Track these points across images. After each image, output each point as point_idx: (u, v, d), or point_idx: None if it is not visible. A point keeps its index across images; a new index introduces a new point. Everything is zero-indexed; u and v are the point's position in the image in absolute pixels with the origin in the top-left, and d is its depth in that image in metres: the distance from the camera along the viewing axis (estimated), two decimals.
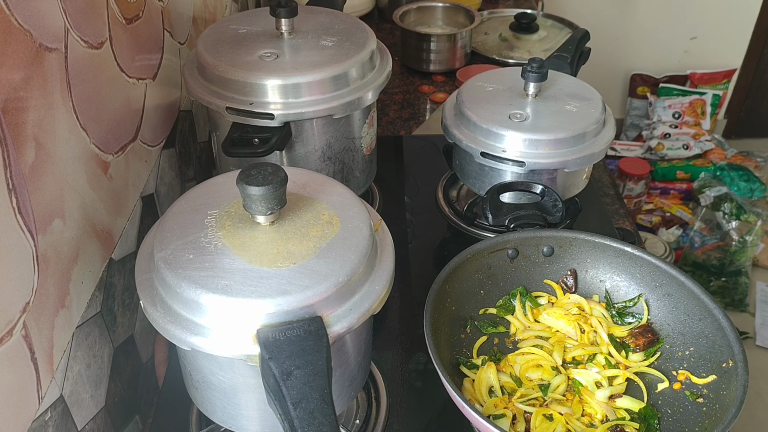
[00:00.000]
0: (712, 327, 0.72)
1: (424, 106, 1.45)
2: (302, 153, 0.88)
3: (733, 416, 0.62)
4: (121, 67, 0.77)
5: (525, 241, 0.82)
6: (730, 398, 0.65)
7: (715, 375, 0.70)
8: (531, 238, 0.82)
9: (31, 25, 0.56)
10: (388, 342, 0.86)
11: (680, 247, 2.49)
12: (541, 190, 0.88)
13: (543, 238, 0.82)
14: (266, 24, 0.91)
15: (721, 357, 0.70)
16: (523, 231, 0.82)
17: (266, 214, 0.57)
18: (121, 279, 0.76)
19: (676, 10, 2.83)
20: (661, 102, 2.88)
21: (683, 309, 0.76)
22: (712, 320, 0.72)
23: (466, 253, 0.78)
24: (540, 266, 0.84)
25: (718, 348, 0.71)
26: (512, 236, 0.81)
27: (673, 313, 0.77)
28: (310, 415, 0.48)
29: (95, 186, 0.70)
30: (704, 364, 0.72)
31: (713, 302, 0.73)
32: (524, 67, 0.94)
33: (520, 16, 1.67)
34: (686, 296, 0.75)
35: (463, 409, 0.64)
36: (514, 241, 0.81)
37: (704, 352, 0.73)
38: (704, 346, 0.73)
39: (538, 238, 0.82)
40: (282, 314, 0.53)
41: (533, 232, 0.82)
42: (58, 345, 0.61)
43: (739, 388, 0.64)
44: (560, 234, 0.82)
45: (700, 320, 0.74)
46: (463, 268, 0.78)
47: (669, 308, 0.78)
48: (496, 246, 0.80)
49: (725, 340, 0.70)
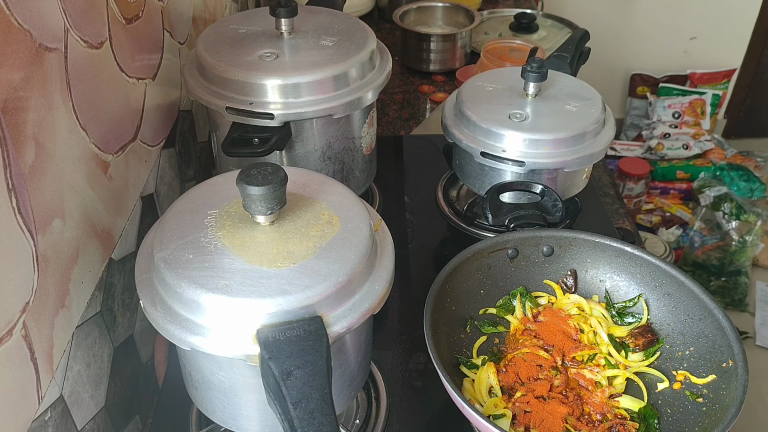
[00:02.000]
0: (712, 327, 0.72)
1: (424, 106, 1.45)
2: (302, 153, 0.88)
3: (733, 416, 0.62)
4: (121, 67, 0.77)
5: (525, 240, 0.82)
6: (730, 398, 0.65)
7: (714, 375, 0.70)
8: (531, 237, 0.82)
9: (30, 25, 0.56)
10: (388, 342, 0.86)
11: (680, 247, 2.49)
12: (541, 190, 0.88)
13: (543, 237, 0.82)
14: (266, 24, 0.91)
15: (721, 357, 0.70)
16: (523, 231, 0.82)
17: (266, 214, 0.57)
18: (121, 279, 0.76)
19: (676, 10, 2.83)
20: (660, 102, 2.88)
21: (683, 309, 0.76)
22: (712, 320, 0.72)
23: (466, 253, 0.78)
24: (540, 266, 0.84)
25: (718, 348, 0.71)
26: (512, 236, 0.81)
27: (673, 313, 0.77)
28: (310, 415, 0.48)
29: (95, 186, 0.70)
30: (704, 363, 0.72)
31: (713, 302, 0.73)
32: (524, 67, 0.94)
33: (519, 16, 1.67)
34: (686, 296, 0.75)
35: (463, 409, 0.64)
36: (514, 240, 0.81)
37: (704, 352, 0.73)
38: (704, 345, 0.73)
39: (538, 237, 0.82)
40: (282, 314, 0.53)
41: (533, 232, 0.82)
42: (57, 345, 0.61)
43: (739, 388, 0.64)
44: (560, 234, 0.82)
45: (700, 320, 0.74)
46: (463, 268, 0.78)
47: (669, 308, 0.78)
48: (496, 246, 0.80)
49: (725, 339, 0.70)
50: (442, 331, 0.75)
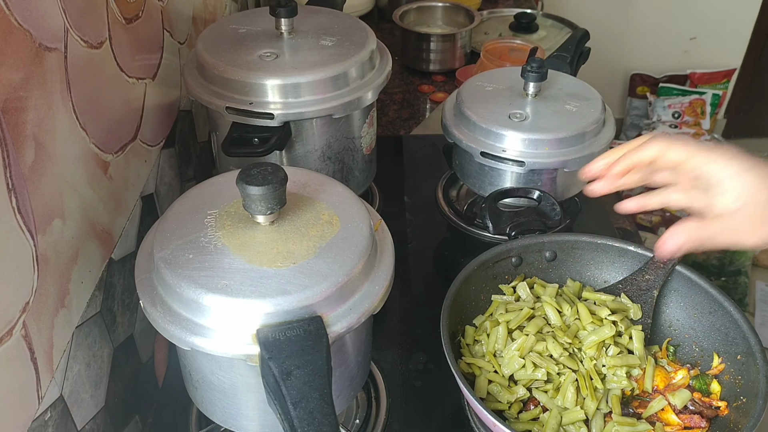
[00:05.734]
0: (723, 319, 0.73)
1: (424, 106, 1.45)
2: (302, 153, 0.88)
3: (762, 408, 0.62)
4: (121, 67, 0.77)
5: (528, 247, 0.81)
6: (752, 390, 0.66)
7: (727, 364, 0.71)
8: (533, 244, 0.81)
9: (30, 25, 0.56)
10: (388, 342, 0.86)
11: None
12: (538, 195, 0.88)
13: (545, 243, 0.82)
14: (266, 24, 0.91)
15: (736, 349, 0.70)
16: (525, 238, 0.82)
17: (266, 213, 0.57)
18: (120, 279, 0.76)
19: (676, 10, 2.83)
20: (660, 102, 2.88)
21: (691, 303, 0.77)
22: (723, 312, 0.73)
23: (473, 265, 0.77)
24: (544, 271, 0.83)
25: (732, 340, 0.71)
26: (515, 244, 0.81)
27: (681, 309, 0.77)
28: (310, 414, 0.48)
29: (95, 186, 0.69)
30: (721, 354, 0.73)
31: (722, 295, 0.73)
32: (524, 66, 0.94)
33: (519, 16, 1.67)
34: (694, 290, 0.76)
35: (477, 409, 0.63)
36: (518, 248, 0.81)
37: (718, 345, 0.73)
38: (717, 339, 0.73)
39: (540, 243, 0.82)
40: (282, 314, 0.53)
41: (535, 238, 0.82)
42: (57, 345, 0.61)
43: (762, 379, 0.65)
44: (562, 238, 0.82)
45: (710, 313, 0.74)
46: (471, 280, 0.77)
47: (677, 304, 0.78)
48: (501, 255, 0.80)
49: (739, 331, 0.70)
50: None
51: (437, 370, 0.82)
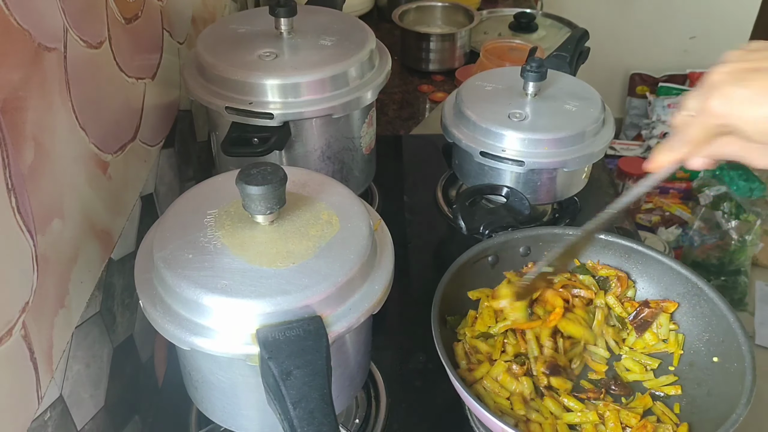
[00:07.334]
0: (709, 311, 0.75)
1: (424, 106, 1.45)
2: (302, 152, 0.88)
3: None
4: (121, 67, 0.77)
5: (502, 245, 0.82)
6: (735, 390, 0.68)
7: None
8: (507, 241, 0.82)
9: (30, 25, 0.56)
10: (388, 342, 0.86)
11: (680, 247, 2.49)
12: (506, 192, 0.89)
13: (519, 239, 0.82)
14: (265, 24, 0.91)
15: (729, 348, 0.72)
16: (499, 235, 0.82)
17: (266, 213, 0.57)
18: (120, 279, 0.76)
19: (676, 10, 2.83)
20: (660, 101, 2.88)
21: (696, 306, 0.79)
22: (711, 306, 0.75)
23: (453, 268, 0.77)
24: (520, 267, 0.84)
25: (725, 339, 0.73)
26: (491, 243, 0.81)
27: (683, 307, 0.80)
28: (310, 414, 0.48)
29: (94, 186, 0.69)
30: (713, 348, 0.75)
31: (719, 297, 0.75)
32: (523, 66, 0.94)
33: (519, 16, 1.67)
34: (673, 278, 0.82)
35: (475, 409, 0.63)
36: (494, 247, 0.81)
37: (713, 337, 0.75)
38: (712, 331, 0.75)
39: (514, 240, 0.82)
40: (281, 314, 0.53)
41: (509, 235, 0.82)
42: (57, 345, 0.61)
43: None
44: (534, 233, 0.83)
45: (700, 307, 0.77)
46: (453, 283, 0.77)
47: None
48: (478, 255, 0.80)
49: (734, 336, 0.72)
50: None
51: (437, 370, 0.82)
